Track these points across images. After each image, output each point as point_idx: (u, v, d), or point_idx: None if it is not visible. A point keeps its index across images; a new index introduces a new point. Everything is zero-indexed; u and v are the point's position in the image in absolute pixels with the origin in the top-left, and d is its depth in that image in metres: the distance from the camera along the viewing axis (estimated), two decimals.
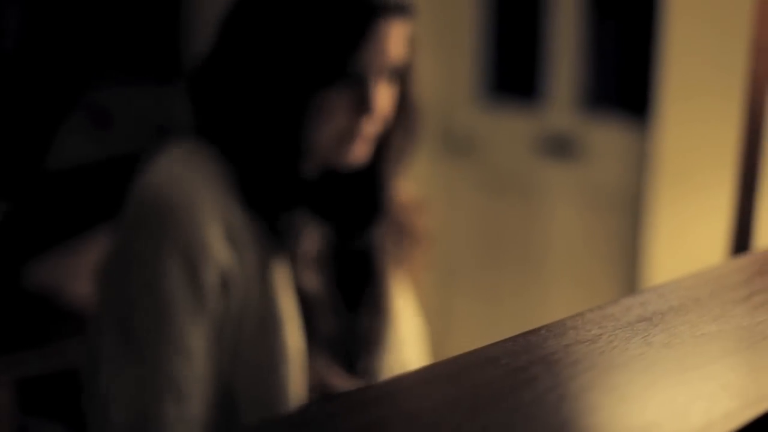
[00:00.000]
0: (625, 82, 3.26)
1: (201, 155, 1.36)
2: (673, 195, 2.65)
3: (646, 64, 2.86)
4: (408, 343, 1.62)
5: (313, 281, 1.42)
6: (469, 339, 3.54)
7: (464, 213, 3.53)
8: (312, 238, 1.42)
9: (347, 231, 1.50)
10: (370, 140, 1.42)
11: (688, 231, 2.62)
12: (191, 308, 1.27)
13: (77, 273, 2.41)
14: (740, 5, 2.42)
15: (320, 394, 1.39)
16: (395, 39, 1.37)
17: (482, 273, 3.51)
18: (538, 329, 0.94)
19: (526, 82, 3.40)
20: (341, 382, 1.43)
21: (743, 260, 1.17)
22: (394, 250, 1.55)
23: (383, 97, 1.39)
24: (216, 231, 1.30)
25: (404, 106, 1.49)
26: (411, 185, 1.63)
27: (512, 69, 3.51)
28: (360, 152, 1.41)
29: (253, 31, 1.35)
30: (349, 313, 1.50)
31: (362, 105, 1.36)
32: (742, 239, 1.82)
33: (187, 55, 3.54)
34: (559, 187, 3.29)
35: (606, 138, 3.18)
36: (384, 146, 1.48)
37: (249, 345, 1.33)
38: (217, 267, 1.30)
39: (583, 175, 3.23)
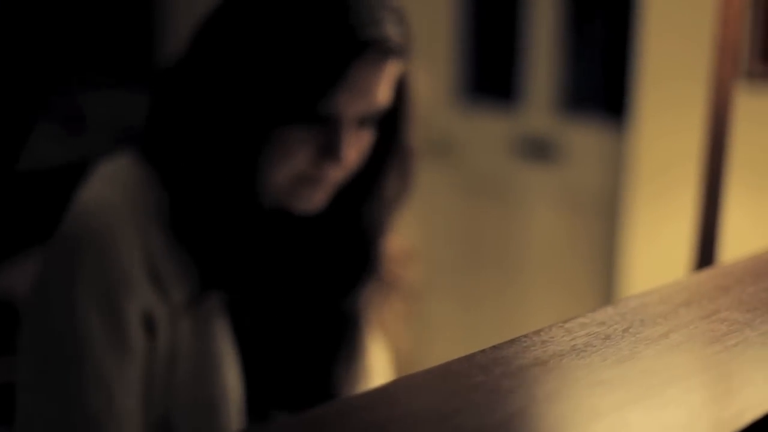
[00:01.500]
0: (603, 83, 3.22)
1: (134, 176, 1.24)
2: (649, 197, 2.60)
3: (625, 65, 2.82)
4: None
5: (258, 325, 1.31)
6: (448, 344, 3.49)
7: (442, 216, 3.48)
8: (255, 282, 1.29)
9: (329, 290, 1.36)
10: (331, 187, 1.27)
11: (666, 233, 2.56)
12: (111, 346, 1.19)
13: None
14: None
15: None
16: (378, 82, 1.21)
17: (460, 277, 3.45)
18: (510, 341, 0.87)
19: (504, 84, 3.33)
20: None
21: (706, 274, 1.11)
22: (377, 306, 1.41)
23: (354, 144, 1.23)
24: (139, 269, 1.19)
25: (397, 151, 1.34)
26: (401, 234, 1.48)
27: (490, 71, 3.45)
28: (317, 198, 1.26)
29: (222, 48, 1.21)
30: (320, 367, 1.39)
31: (329, 150, 1.21)
32: (706, 248, 1.76)
33: (161, 60, 3.48)
34: (538, 189, 3.22)
35: (585, 140, 3.12)
36: (375, 196, 1.34)
37: (184, 386, 1.23)
38: (140, 305, 1.20)
39: (562, 177, 3.17)
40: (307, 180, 1.24)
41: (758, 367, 0.81)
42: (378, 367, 1.47)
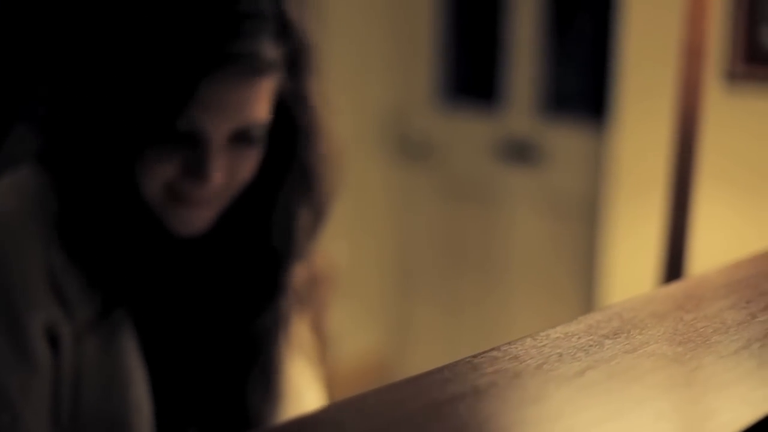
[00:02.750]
0: (586, 85, 3.15)
1: (35, 187, 1.16)
2: (630, 200, 2.52)
3: (606, 67, 2.75)
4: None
5: (167, 342, 1.23)
6: (429, 350, 3.41)
7: (422, 220, 3.40)
8: (160, 301, 1.21)
9: (238, 309, 1.27)
10: (209, 208, 1.17)
11: (647, 236, 2.48)
12: (14, 362, 1.10)
13: None
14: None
15: None
16: (246, 98, 1.11)
17: (442, 281, 3.38)
18: (474, 356, 0.78)
19: (485, 86, 3.27)
20: None
21: (641, 299, 1.02)
22: (292, 325, 1.32)
23: (230, 162, 1.14)
24: (40, 282, 1.11)
25: (296, 169, 1.23)
26: (322, 254, 1.40)
27: (471, 72, 3.40)
28: (198, 219, 1.17)
29: (84, 72, 1.12)
30: (233, 385, 1.30)
31: (195, 169, 1.12)
32: (675, 255, 1.67)
33: None
34: (520, 192, 3.15)
35: (567, 142, 3.05)
36: (279, 216, 1.24)
37: (91, 404, 1.15)
38: (42, 319, 1.12)
39: (544, 180, 3.10)
40: (180, 199, 1.15)
41: (681, 410, 0.72)
42: (300, 385, 1.38)
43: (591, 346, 0.83)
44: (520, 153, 3.13)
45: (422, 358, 3.41)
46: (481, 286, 3.27)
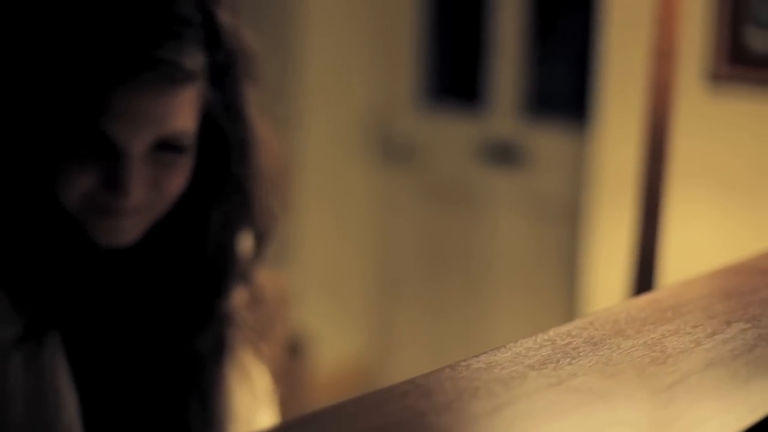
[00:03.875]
0: (570, 87, 3.09)
1: None
2: (611, 202, 2.46)
3: (589, 68, 2.69)
4: None
5: (99, 362, 1.16)
6: (412, 354, 3.34)
7: (405, 222, 3.33)
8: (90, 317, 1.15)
9: (174, 328, 1.20)
10: (135, 218, 1.10)
11: (628, 239, 2.41)
12: None
13: None
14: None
15: None
16: (166, 109, 1.03)
17: (424, 284, 3.31)
18: (384, 390, 0.71)
19: (468, 87, 3.21)
20: None
21: (576, 324, 0.94)
22: (236, 344, 1.24)
23: (153, 174, 1.07)
24: None
25: (231, 180, 1.15)
26: (270, 278, 1.32)
27: (454, 73, 3.34)
28: (119, 230, 1.10)
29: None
30: (171, 406, 1.22)
31: (111, 181, 1.05)
32: (644, 267, 1.59)
33: None
34: (503, 194, 3.08)
35: (551, 144, 2.99)
36: (216, 230, 1.16)
37: (17, 428, 1.09)
38: None
39: (528, 182, 3.04)
40: (101, 212, 1.08)
41: None
42: (245, 405, 1.30)
43: (513, 378, 0.74)
44: (503, 155, 3.06)
45: (405, 363, 3.34)
46: (464, 289, 3.20)
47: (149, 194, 1.07)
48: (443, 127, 3.22)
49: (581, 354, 0.80)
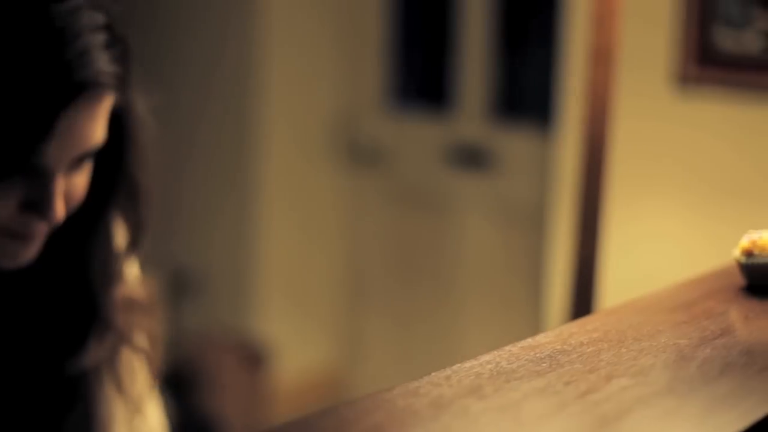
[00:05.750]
0: (538, 89, 2.97)
1: None
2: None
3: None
4: None
5: None
6: (381, 362, 3.21)
7: (372, 227, 3.21)
8: None
9: (49, 350, 1.11)
10: (41, 240, 1.03)
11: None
12: None
13: None
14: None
15: None
16: (92, 122, 0.99)
17: (392, 291, 3.18)
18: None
19: (434, 89, 3.12)
20: None
21: (522, 345, 0.79)
22: (113, 364, 1.14)
23: (68, 190, 1.01)
24: None
25: (122, 187, 1.10)
26: (138, 280, 1.20)
27: (421, 75, 3.25)
28: (27, 253, 1.02)
29: None
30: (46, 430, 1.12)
31: (37, 205, 0.98)
32: (582, 284, 1.44)
33: None
34: (471, 199, 2.97)
35: (519, 147, 2.88)
36: (100, 240, 1.09)
37: None
38: None
39: (496, 186, 2.92)
40: (12, 236, 1.00)
41: None
42: (124, 414, 1.20)
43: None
44: (471, 158, 2.94)
45: (374, 371, 3.20)
46: (432, 295, 3.08)
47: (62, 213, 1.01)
48: (410, 130, 3.11)
49: (417, 421, 0.64)
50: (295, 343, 3.16)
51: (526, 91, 3.05)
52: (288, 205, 3.12)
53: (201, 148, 3.17)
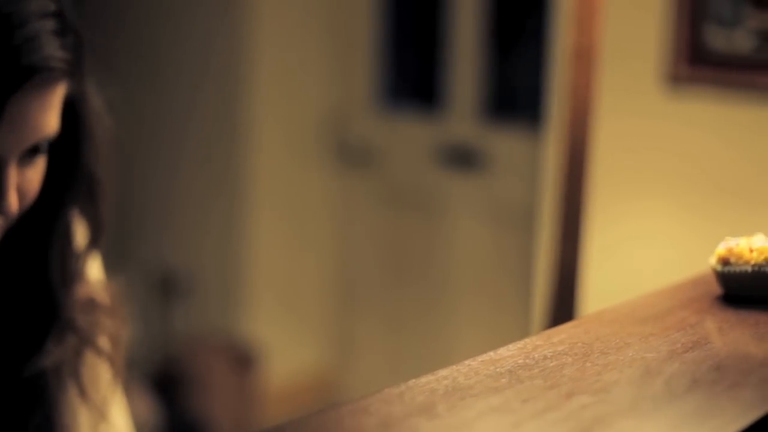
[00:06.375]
0: (529, 88, 2.93)
1: None
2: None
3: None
4: None
5: None
6: (372, 364, 3.17)
7: (362, 229, 3.17)
8: None
9: (7, 352, 1.07)
10: None
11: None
12: None
13: None
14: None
15: None
16: (44, 111, 0.96)
17: (383, 292, 3.14)
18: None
19: (425, 89, 3.09)
20: None
21: (482, 359, 0.75)
22: (75, 366, 1.11)
23: (22, 182, 0.98)
24: None
25: (80, 181, 1.07)
26: (101, 280, 1.15)
27: (412, 74, 3.22)
28: None
29: None
30: None
31: None
32: (563, 289, 1.40)
33: None
34: (463, 200, 2.93)
35: (511, 147, 2.84)
36: (59, 235, 1.06)
37: None
38: None
39: (487, 186, 2.88)
40: None
41: None
42: (88, 416, 1.16)
43: None
44: (462, 158, 2.91)
45: (364, 373, 3.16)
46: (424, 297, 3.04)
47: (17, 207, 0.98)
48: (401, 130, 3.07)
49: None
50: (285, 345, 3.12)
51: (517, 91, 3.01)
52: (278, 205, 3.08)
53: (190, 149, 3.14)
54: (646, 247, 2.20)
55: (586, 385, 0.70)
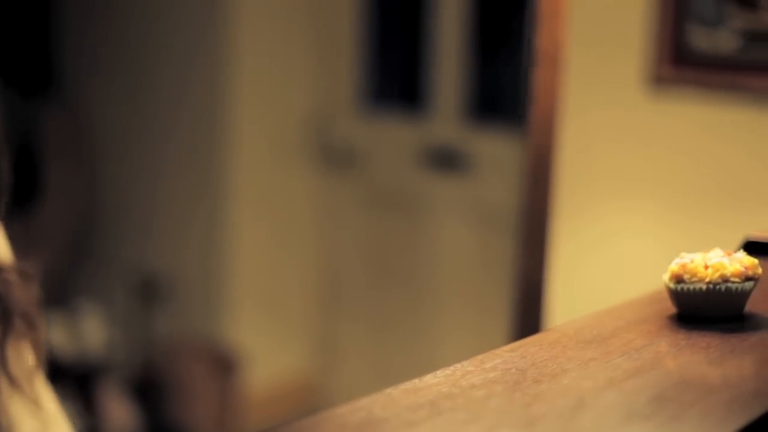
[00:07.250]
0: (513, 90, 2.89)
1: None
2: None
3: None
4: None
5: None
6: (356, 368, 3.11)
7: (346, 231, 3.12)
8: None
9: None
10: None
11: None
12: None
13: None
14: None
15: None
16: None
17: (367, 295, 3.10)
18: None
19: (409, 90, 3.05)
20: None
21: (405, 387, 0.69)
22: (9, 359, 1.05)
23: None
24: None
25: None
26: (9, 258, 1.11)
27: (395, 76, 3.17)
28: None
29: None
30: None
31: None
32: (529, 297, 1.34)
33: (59, 69, 3.15)
34: (447, 202, 2.88)
35: (495, 149, 2.79)
36: None
37: None
38: None
39: (472, 189, 2.83)
40: None
41: None
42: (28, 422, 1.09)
43: None
44: (446, 160, 2.86)
45: (348, 377, 3.11)
46: (408, 300, 2.99)
47: None
48: (385, 131, 3.02)
49: None
50: (268, 350, 3.07)
51: (500, 93, 2.97)
52: (260, 208, 3.03)
53: (172, 152, 3.08)
54: (627, 248, 2.16)
55: (510, 419, 0.64)
